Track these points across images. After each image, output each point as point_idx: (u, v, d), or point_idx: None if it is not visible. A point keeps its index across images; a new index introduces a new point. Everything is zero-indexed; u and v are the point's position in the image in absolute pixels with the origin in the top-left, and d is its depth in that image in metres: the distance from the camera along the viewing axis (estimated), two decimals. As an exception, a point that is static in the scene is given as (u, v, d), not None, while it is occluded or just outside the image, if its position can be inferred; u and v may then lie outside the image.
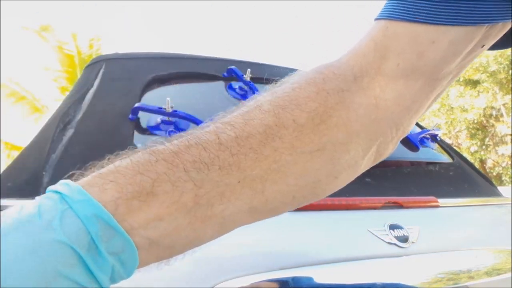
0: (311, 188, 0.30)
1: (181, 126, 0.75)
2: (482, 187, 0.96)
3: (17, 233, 0.20)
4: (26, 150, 0.71)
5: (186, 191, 0.25)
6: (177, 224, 0.25)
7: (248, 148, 0.27)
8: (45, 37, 7.75)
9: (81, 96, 0.77)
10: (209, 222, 0.26)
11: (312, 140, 0.29)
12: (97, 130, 0.68)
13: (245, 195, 0.27)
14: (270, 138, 0.28)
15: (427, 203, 0.76)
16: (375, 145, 0.33)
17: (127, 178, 0.24)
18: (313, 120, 0.29)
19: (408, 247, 0.64)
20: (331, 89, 0.31)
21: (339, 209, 0.67)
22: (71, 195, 0.22)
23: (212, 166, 0.26)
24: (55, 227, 0.20)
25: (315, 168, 0.29)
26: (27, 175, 0.61)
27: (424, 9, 0.30)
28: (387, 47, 0.32)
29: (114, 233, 0.22)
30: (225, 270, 0.52)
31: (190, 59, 0.99)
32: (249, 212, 0.28)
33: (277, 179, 0.28)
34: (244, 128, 0.28)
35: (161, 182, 0.24)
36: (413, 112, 0.34)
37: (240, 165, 0.26)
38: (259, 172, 0.27)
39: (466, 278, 0.66)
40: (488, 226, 0.84)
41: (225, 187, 0.26)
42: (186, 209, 0.25)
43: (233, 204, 0.27)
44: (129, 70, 0.87)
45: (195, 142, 0.26)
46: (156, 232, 0.24)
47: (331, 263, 0.58)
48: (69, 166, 0.60)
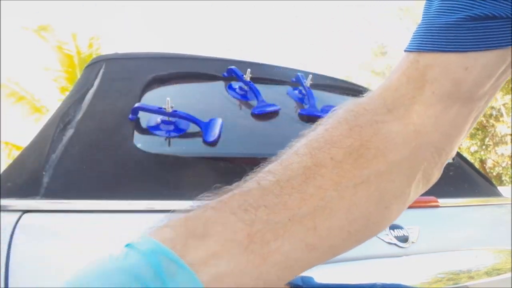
0: (364, 221, 0.30)
1: (181, 126, 0.75)
2: (482, 187, 0.96)
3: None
4: (26, 150, 0.71)
5: (237, 230, 0.25)
6: (237, 261, 0.24)
7: (291, 188, 0.28)
8: (45, 37, 7.75)
9: (81, 96, 0.77)
10: (269, 260, 0.26)
11: (354, 174, 0.29)
12: (97, 130, 0.68)
13: (298, 232, 0.27)
14: (311, 177, 0.28)
15: (427, 203, 0.76)
16: (419, 172, 0.33)
17: (180, 223, 0.25)
18: (350, 155, 0.30)
19: (408, 247, 0.64)
20: (364, 123, 0.32)
21: (339, 209, 0.67)
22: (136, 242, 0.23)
23: (259, 208, 0.26)
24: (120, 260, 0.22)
25: (363, 200, 0.30)
26: (27, 175, 0.61)
27: (453, 38, 0.31)
28: (420, 78, 0.33)
29: (177, 268, 0.22)
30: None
31: (190, 59, 0.99)
32: (307, 249, 0.27)
33: (327, 215, 0.28)
34: (283, 172, 0.28)
35: (212, 224, 0.25)
36: (453, 136, 0.34)
37: (286, 204, 0.27)
38: (307, 209, 0.27)
39: (466, 278, 0.66)
40: (488, 226, 0.84)
41: (276, 225, 0.26)
42: (243, 247, 0.25)
43: (288, 241, 0.26)
44: (129, 70, 0.87)
45: (238, 191, 0.27)
46: (217, 269, 0.24)
47: (331, 263, 0.57)
48: (69, 166, 0.61)
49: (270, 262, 0.26)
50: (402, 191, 0.32)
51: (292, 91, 0.98)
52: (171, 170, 0.65)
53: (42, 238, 0.51)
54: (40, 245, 0.50)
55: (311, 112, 0.90)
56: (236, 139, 0.78)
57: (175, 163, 0.66)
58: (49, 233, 0.52)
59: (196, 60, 0.99)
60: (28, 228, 0.50)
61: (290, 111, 0.92)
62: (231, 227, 0.25)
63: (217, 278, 0.23)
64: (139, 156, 0.65)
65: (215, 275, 0.23)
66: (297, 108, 0.92)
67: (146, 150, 0.66)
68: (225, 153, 0.74)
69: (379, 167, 0.30)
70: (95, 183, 0.59)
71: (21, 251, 0.47)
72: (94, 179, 0.59)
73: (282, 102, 0.91)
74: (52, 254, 0.49)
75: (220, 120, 0.76)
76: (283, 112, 0.88)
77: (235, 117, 0.83)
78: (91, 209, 0.54)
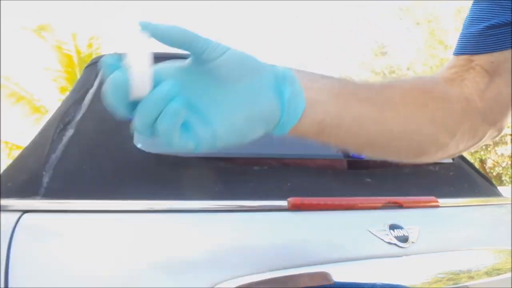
0: (407, 136, 0.41)
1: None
2: (482, 187, 0.96)
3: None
4: (26, 150, 0.71)
5: (335, 86, 0.38)
6: (329, 99, 0.36)
7: (372, 90, 0.40)
8: (45, 37, 7.74)
9: (81, 96, 0.77)
10: (345, 111, 0.37)
11: (416, 99, 0.42)
12: (97, 130, 0.68)
13: (371, 106, 0.39)
14: (384, 87, 0.42)
15: (427, 203, 0.76)
16: (462, 127, 0.44)
17: (296, 72, 0.36)
18: (415, 89, 0.43)
19: (408, 247, 0.64)
20: (428, 80, 0.47)
21: (339, 209, 0.67)
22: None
23: (350, 81, 0.40)
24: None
25: (418, 117, 0.41)
26: (27, 175, 0.61)
27: (482, 43, 0.44)
28: (468, 66, 0.45)
29: (295, 82, 0.34)
30: (225, 270, 0.52)
31: (190, 59, 0.99)
32: (373, 121, 0.39)
33: (389, 110, 0.40)
34: (368, 85, 0.42)
35: (322, 78, 0.38)
36: (496, 108, 0.45)
37: (371, 87, 0.41)
38: (380, 100, 0.40)
39: (466, 278, 0.66)
40: (488, 226, 0.84)
41: (357, 95, 0.38)
42: (334, 92, 0.37)
43: (363, 105, 0.38)
44: (129, 70, 0.86)
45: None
46: (317, 95, 0.35)
47: (331, 263, 0.58)
48: (69, 166, 0.61)
49: (346, 112, 0.37)
50: (444, 138, 0.43)
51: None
52: (171, 170, 0.65)
53: (42, 238, 0.51)
54: (40, 245, 0.50)
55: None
56: (236, 139, 0.78)
57: (175, 163, 0.66)
58: (49, 233, 0.52)
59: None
60: (28, 228, 0.50)
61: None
62: (332, 83, 0.38)
63: (316, 100, 0.35)
64: (139, 156, 0.65)
65: (315, 98, 0.35)
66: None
67: (146, 150, 0.66)
68: (225, 153, 0.74)
69: (434, 105, 0.42)
70: (95, 183, 0.59)
71: (21, 251, 0.47)
72: (94, 179, 0.60)
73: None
74: (52, 254, 0.49)
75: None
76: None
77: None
78: (91, 209, 0.54)
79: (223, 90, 0.32)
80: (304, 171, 0.76)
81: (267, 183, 0.69)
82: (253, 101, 0.32)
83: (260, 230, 0.60)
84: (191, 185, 0.64)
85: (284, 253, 0.57)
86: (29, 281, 0.46)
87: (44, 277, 0.46)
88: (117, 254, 0.51)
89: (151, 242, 0.53)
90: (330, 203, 0.66)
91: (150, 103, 0.29)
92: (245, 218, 0.61)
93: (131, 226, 0.55)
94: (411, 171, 0.92)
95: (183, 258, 0.53)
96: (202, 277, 0.51)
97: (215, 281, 0.50)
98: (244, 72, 0.32)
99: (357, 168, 0.87)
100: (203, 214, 0.58)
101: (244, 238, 0.58)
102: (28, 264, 0.47)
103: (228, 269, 0.52)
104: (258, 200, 0.62)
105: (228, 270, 0.52)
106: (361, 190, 0.75)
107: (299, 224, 0.63)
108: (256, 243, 0.58)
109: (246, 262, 0.54)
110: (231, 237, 0.58)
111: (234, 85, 0.32)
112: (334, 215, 0.66)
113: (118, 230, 0.54)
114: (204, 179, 0.66)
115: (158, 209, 0.56)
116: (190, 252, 0.54)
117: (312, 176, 0.75)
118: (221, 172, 0.68)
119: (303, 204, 0.63)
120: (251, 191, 0.66)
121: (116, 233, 0.54)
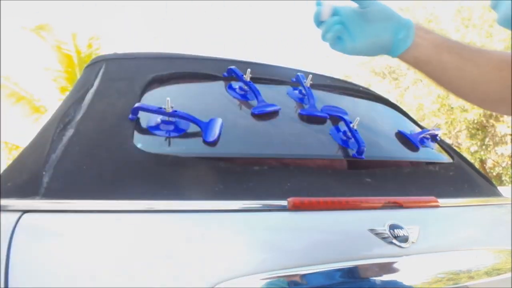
0: (487, 85, 0.61)
1: (181, 126, 0.75)
2: (482, 187, 0.96)
3: None
4: (26, 150, 0.71)
5: (439, 39, 0.61)
6: (431, 46, 0.61)
7: (469, 47, 0.61)
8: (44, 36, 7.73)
9: (81, 96, 0.77)
10: (437, 56, 0.60)
11: (495, 62, 0.60)
12: (97, 130, 0.68)
13: (452, 55, 0.60)
14: (476, 49, 0.62)
15: (427, 203, 0.76)
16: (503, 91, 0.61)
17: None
18: (494, 55, 0.61)
19: (408, 247, 0.64)
20: (506, 55, 0.61)
21: (339, 209, 0.67)
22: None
23: (454, 41, 0.61)
24: None
25: (492, 75, 0.59)
26: (27, 175, 0.61)
27: None
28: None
29: (410, 29, 0.61)
30: (225, 270, 0.52)
31: (190, 59, 0.99)
32: (454, 65, 0.60)
33: (474, 65, 0.60)
34: (463, 44, 0.62)
35: (432, 33, 0.62)
36: None
37: (466, 47, 0.61)
38: (469, 55, 0.61)
39: (466, 278, 0.66)
40: (488, 226, 0.84)
41: (458, 49, 0.61)
42: (435, 43, 0.61)
43: (449, 53, 0.61)
44: (129, 70, 0.87)
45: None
46: (422, 41, 0.61)
47: (331, 263, 0.58)
48: (69, 166, 0.61)
49: (436, 57, 0.60)
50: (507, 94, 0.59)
51: (292, 91, 0.98)
52: (171, 170, 0.65)
53: (42, 238, 0.51)
54: (40, 245, 0.50)
55: (311, 112, 0.90)
56: (236, 139, 0.78)
57: (175, 163, 0.66)
58: (49, 233, 0.52)
59: (196, 60, 0.99)
60: (28, 228, 0.50)
61: (290, 111, 0.92)
62: (439, 38, 0.61)
63: (417, 45, 0.61)
64: (139, 156, 0.65)
65: (418, 43, 0.61)
66: (297, 108, 0.92)
67: (146, 150, 0.66)
68: (225, 153, 0.74)
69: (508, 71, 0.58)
70: (95, 183, 0.59)
71: (21, 251, 0.47)
72: (94, 179, 0.59)
73: (282, 102, 0.91)
74: (52, 254, 0.49)
75: (220, 120, 0.76)
76: (283, 112, 0.88)
77: (235, 117, 0.83)
78: (91, 209, 0.54)
79: (367, 25, 0.61)
80: (304, 171, 0.76)
81: (267, 183, 0.69)
82: (380, 35, 0.61)
83: (260, 230, 0.60)
84: (191, 185, 0.64)
85: (284, 253, 0.57)
86: (29, 281, 0.46)
87: (44, 277, 0.46)
88: (117, 254, 0.51)
89: (151, 242, 0.53)
90: (330, 203, 0.66)
91: (327, 23, 0.62)
92: (245, 218, 0.61)
93: (131, 226, 0.55)
94: (411, 171, 0.92)
95: (183, 258, 0.53)
96: (202, 277, 0.51)
97: (215, 281, 0.50)
98: (381, 17, 0.61)
99: (357, 168, 0.87)
100: (203, 214, 0.58)
101: (244, 238, 0.58)
102: (28, 264, 0.47)
103: (228, 269, 0.52)
104: (258, 200, 0.62)
105: (228, 270, 0.52)
106: (361, 190, 0.75)
107: (299, 224, 0.63)
108: (256, 243, 0.58)
109: (246, 262, 0.54)
110: (231, 237, 0.58)
111: (373, 24, 0.61)
112: (334, 215, 0.66)
113: (118, 230, 0.54)
114: (204, 179, 0.66)
115: (158, 209, 0.56)
116: (190, 252, 0.53)
117: (312, 176, 0.75)
118: (221, 172, 0.68)
119: (303, 204, 0.63)
120: (251, 191, 0.66)
121: (116, 233, 0.53)
